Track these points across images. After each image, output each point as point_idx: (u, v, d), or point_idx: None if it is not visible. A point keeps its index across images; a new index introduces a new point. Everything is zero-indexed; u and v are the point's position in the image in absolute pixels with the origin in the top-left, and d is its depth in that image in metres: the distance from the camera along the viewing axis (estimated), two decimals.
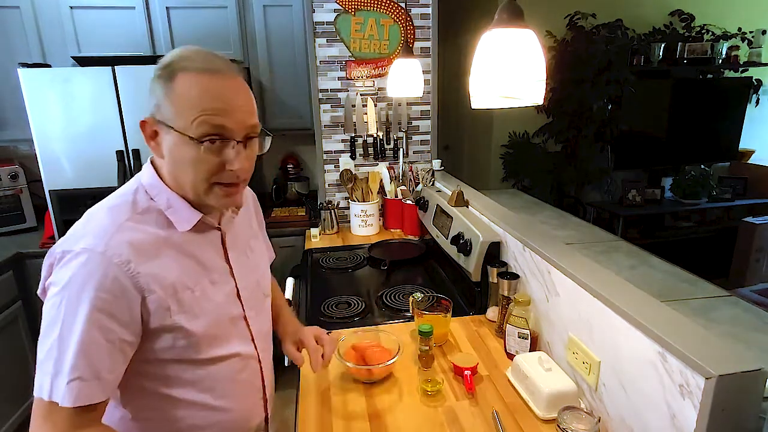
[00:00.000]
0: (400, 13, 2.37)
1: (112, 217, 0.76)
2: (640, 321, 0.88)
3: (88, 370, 0.70)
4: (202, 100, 0.74)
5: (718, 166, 4.02)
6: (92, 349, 0.70)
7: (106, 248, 0.72)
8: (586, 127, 3.36)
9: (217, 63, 0.77)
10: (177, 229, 0.81)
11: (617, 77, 3.23)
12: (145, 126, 0.78)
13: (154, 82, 0.76)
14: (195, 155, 0.75)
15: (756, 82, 3.74)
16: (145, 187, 0.81)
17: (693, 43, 3.46)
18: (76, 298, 0.70)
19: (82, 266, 0.70)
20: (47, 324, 0.71)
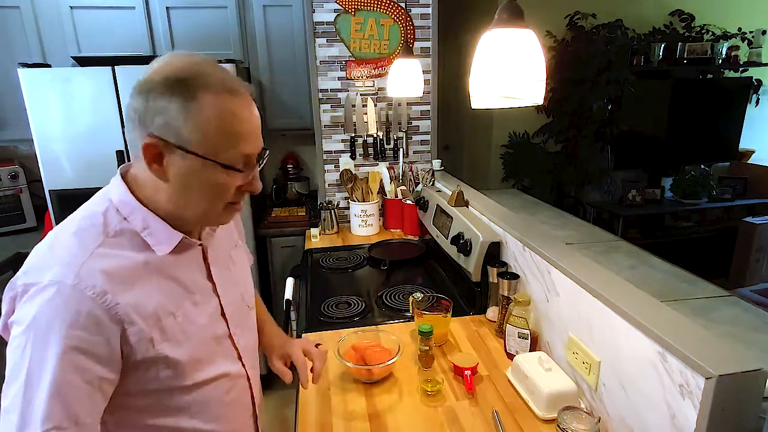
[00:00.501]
0: (400, 13, 2.37)
1: (81, 242, 0.68)
2: (640, 321, 0.88)
3: (65, 417, 0.62)
4: (233, 126, 0.69)
5: (718, 166, 4.01)
6: (68, 392, 0.63)
7: (77, 279, 0.64)
8: (586, 127, 3.36)
9: (236, 82, 0.71)
10: (155, 252, 0.73)
11: (617, 77, 3.23)
12: (149, 148, 0.67)
13: (157, 96, 0.66)
14: (221, 181, 0.71)
15: (756, 82, 3.74)
16: (116, 205, 0.72)
17: (693, 43, 3.45)
18: (44, 337, 0.62)
19: (50, 301, 0.63)
20: (11, 368, 0.63)
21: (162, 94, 0.66)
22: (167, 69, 0.68)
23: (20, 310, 0.64)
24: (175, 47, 2.48)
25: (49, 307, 0.63)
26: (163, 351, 0.72)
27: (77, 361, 0.63)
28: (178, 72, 0.67)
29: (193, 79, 0.67)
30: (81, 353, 0.63)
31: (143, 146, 0.68)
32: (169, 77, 0.66)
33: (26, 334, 0.63)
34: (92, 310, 0.64)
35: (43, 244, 0.70)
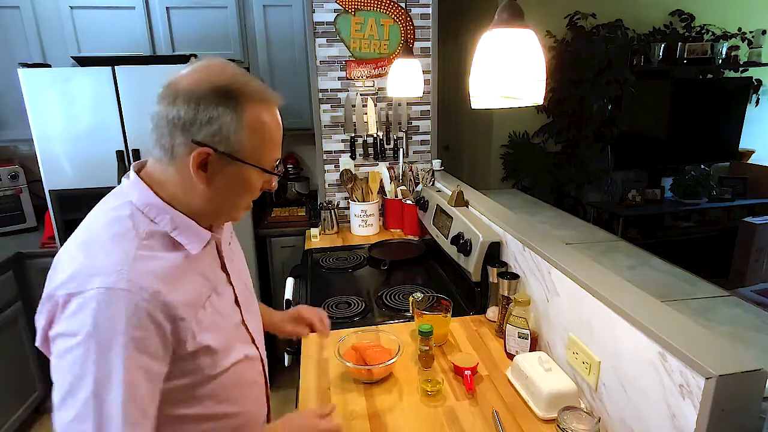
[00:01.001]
0: (400, 13, 2.37)
1: (121, 247, 0.69)
2: (640, 321, 0.88)
3: (140, 416, 0.66)
4: (271, 134, 0.76)
5: (718, 166, 4.01)
6: (138, 392, 0.65)
7: (129, 284, 0.65)
8: (586, 127, 3.36)
9: (270, 91, 0.77)
10: (187, 251, 0.76)
11: (617, 77, 3.23)
12: (200, 156, 0.71)
13: (209, 106, 0.69)
14: (256, 183, 0.78)
15: (756, 82, 3.74)
16: (140, 208, 0.74)
17: (693, 43, 3.45)
18: (107, 344, 0.63)
19: (107, 308, 0.63)
20: (72, 380, 0.63)
21: (212, 104, 0.69)
22: (212, 79, 0.71)
23: (69, 321, 0.64)
24: (175, 47, 2.48)
25: (107, 313, 0.63)
26: (204, 341, 0.75)
27: (141, 361, 0.65)
28: (225, 83, 0.71)
29: (239, 90, 0.71)
30: (143, 353, 0.65)
31: (195, 154, 0.70)
32: (219, 88, 0.70)
33: (86, 344, 0.63)
34: (148, 311, 0.66)
35: (73, 252, 0.70)
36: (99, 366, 0.62)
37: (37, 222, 2.62)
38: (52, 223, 2.20)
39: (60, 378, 0.64)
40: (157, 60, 2.18)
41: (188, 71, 0.72)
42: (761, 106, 3.88)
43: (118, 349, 0.63)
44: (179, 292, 0.71)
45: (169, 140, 0.71)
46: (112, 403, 0.63)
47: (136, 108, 2.15)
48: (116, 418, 0.63)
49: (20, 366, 2.29)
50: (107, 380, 0.63)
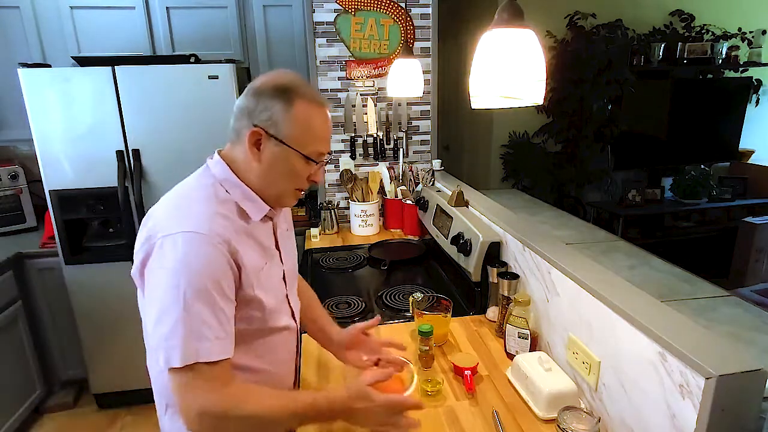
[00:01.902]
0: (400, 13, 2.37)
1: (205, 206, 0.87)
2: (640, 321, 0.88)
3: (222, 331, 0.81)
4: (318, 128, 0.91)
5: (718, 166, 4.01)
6: (219, 313, 0.81)
7: (209, 231, 0.82)
8: (586, 127, 3.36)
9: (321, 96, 0.93)
10: (250, 218, 0.93)
11: (617, 77, 3.23)
12: (254, 135, 0.88)
13: (265, 98, 0.87)
14: (299, 169, 0.92)
15: (756, 82, 3.74)
16: (220, 181, 0.92)
17: (693, 43, 3.45)
18: (196, 273, 0.79)
19: (192, 245, 0.80)
20: (168, 303, 0.78)
21: (270, 97, 0.88)
22: (276, 80, 0.89)
23: (164, 256, 0.80)
24: (175, 47, 2.48)
25: (192, 249, 0.80)
26: (259, 295, 0.91)
27: (220, 288, 0.82)
28: (283, 82, 0.89)
29: (293, 89, 0.88)
30: (222, 283, 0.82)
31: (249, 132, 0.88)
32: (277, 86, 0.88)
33: (177, 273, 0.79)
34: (223, 252, 0.83)
35: (168, 207, 0.88)
36: (188, 290, 0.78)
37: (37, 222, 2.62)
38: (52, 223, 2.20)
39: (156, 302, 0.80)
40: (157, 60, 2.18)
41: (263, 75, 0.92)
42: (761, 106, 3.88)
43: (204, 277, 0.80)
44: (244, 248, 0.88)
45: (238, 124, 0.90)
46: (200, 320, 0.78)
47: (136, 108, 2.15)
48: (206, 331, 0.79)
49: (20, 366, 2.29)
50: (196, 301, 0.78)
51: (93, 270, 2.27)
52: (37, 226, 2.61)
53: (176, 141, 2.19)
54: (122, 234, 2.26)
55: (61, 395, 2.53)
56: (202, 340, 0.78)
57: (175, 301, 0.78)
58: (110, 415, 2.45)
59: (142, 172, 2.20)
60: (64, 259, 2.24)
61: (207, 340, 0.79)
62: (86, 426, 2.40)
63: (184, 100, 2.17)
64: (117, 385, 2.43)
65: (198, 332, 0.78)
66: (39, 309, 2.39)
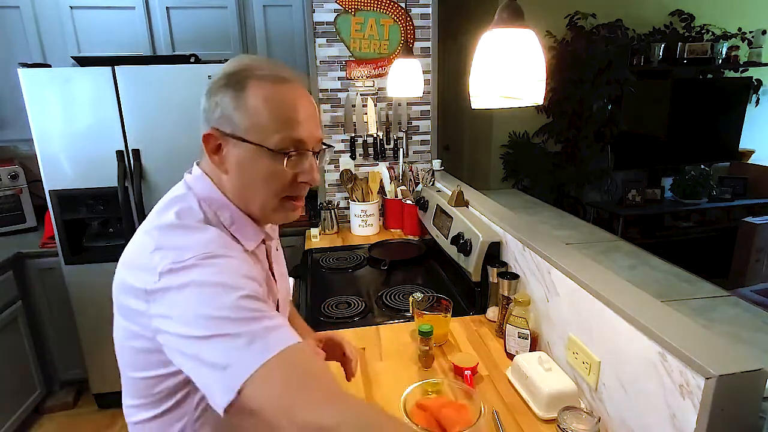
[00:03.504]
0: (400, 13, 2.37)
1: (205, 229, 0.71)
2: (640, 321, 0.88)
3: (277, 321, 0.65)
4: (280, 110, 0.71)
5: (718, 166, 4.01)
6: (263, 307, 0.65)
7: (226, 250, 0.68)
8: (586, 127, 3.36)
9: (285, 71, 0.73)
10: (243, 246, 0.75)
11: (617, 77, 3.22)
12: (209, 140, 0.72)
13: (215, 93, 0.72)
14: (272, 169, 0.72)
15: (756, 82, 3.74)
16: (204, 201, 0.74)
17: (693, 43, 3.45)
18: (236, 277, 0.65)
19: (212, 264, 0.64)
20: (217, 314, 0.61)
21: (219, 89, 0.71)
22: (225, 68, 0.73)
23: (183, 276, 0.63)
24: (175, 47, 2.48)
25: (216, 267, 0.64)
26: None
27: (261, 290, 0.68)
28: (232, 67, 0.73)
29: (243, 71, 0.71)
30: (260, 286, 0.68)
31: (203, 137, 0.72)
32: (225, 73, 0.72)
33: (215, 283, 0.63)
34: (250, 263, 0.71)
35: (159, 243, 0.68)
36: (233, 292, 0.62)
37: (37, 222, 2.62)
38: (52, 223, 2.20)
39: (194, 320, 0.61)
40: (157, 60, 2.18)
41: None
42: (761, 106, 3.88)
43: (243, 280, 0.65)
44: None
45: (202, 133, 0.74)
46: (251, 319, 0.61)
47: (136, 108, 2.15)
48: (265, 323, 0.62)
49: (20, 366, 2.29)
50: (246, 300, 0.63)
51: (93, 270, 2.26)
52: (37, 226, 2.61)
53: (176, 141, 2.19)
54: (122, 234, 2.26)
55: (61, 395, 2.53)
56: (269, 333, 0.61)
57: (226, 309, 0.62)
58: (110, 415, 2.45)
59: (142, 172, 2.20)
60: (64, 259, 2.24)
61: (270, 330, 0.62)
62: (86, 426, 2.40)
63: (184, 100, 2.17)
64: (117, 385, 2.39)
65: (257, 330, 0.61)
66: (39, 309, 2.39)
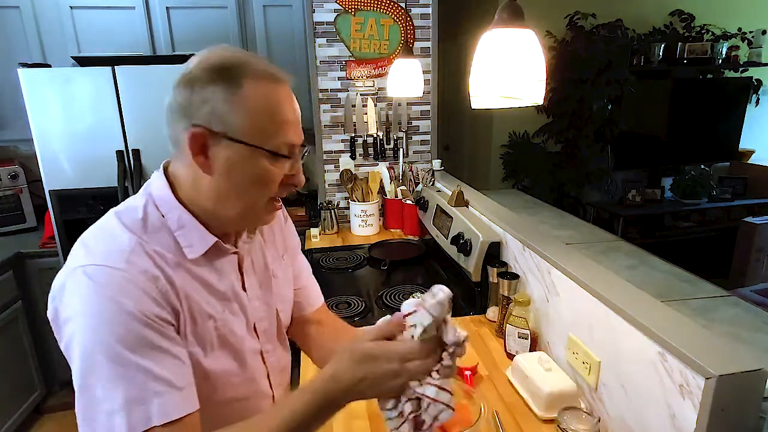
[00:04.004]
0: (400, 13, 2.37)
1: (125, 236, 0.66)
2: (640, 321, 0.88)
3: (175, 378, 0.62)
4: (278, 112, 0.68)
5: (718, 166, 4.01)
6: (164, 358, 0.61)
7: (127, 265, 0.62)
8: (586, 127, 3.36)
9: (276, 69, 0.69)
10: (186, 255, 0.70)
11: (617, 77, 3.22)
12: (197, 139, 0.65)
13: (202, 87, 0.65)
14: (267, 171, 0.68)
15: (756, 82, 3.74)
16: (155, 201, 0.70)
17: (693, 43, 3.45)
18: (117, 313, 0.60)
19: (105, 280, 0.60)
20: (87, 365, 0.59)
21: (207, 83, 0.64)
22: (210, 60, 0.66)
23: (68, 301, 0.62)
24: (175, 47, 2.48)
25: (105, 286, 0.60)
26: (197, 355, 0.69)
27: (156, 325, 0.62)
28: (222, 61, 0.66)
29: (237, 67, 0.65)
30: (155, 318, 0.63)
31: (189, 136, 0.65)
32: (214, 66, 0.65)
33: (89, 322, 0.60)
34: (150, 289, 0.63)
35: (88, 235, 0.68)
36: (109, 338, 0.59)
37: (37, 222, 2.62)
38: (52, 223, 2.20)
39: (73, 369, 0.61)
40: (157, 60, 2.18)
41: (191, 60, 0.68)
42: (761, 106, 3.88)
43: (125, 317, 0.60)
44: (184, 290, 0.68)
45: (173, 130, 0.68)
46: (133, 371, 0.59)
47: (136, 108, 2.15)
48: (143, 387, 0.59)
49: (20, 366, 2.29)
50: (121, 351, 0.59)
51: None
52: (37, 226, 2.61)
53: None
54: None
55: (61, 395, 2.53)
56: (150, 398, 0.58)
57: (93, 362, 0.58)
58: None
59: (142, 172, 2.20)
60: (64, 259, 2.23)
61: (158, 394, 0.59)
62: None
63: None
64: None
65: (142, 388, 0.58)
66: (39, 309, 2.39)
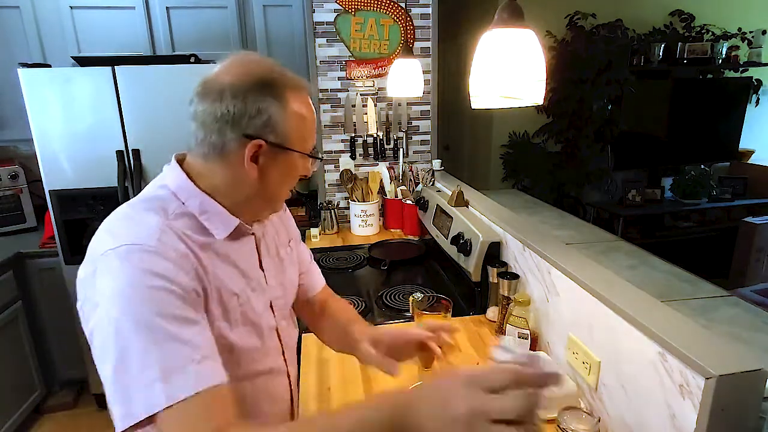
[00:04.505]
0: (400, 13, 2.37)
1: (152, 219, 0.68)
2: (640, 321, 0.88)
3: (202, 351, 0.63)
4: (310, 121, 0.78)
5: (718, 166, 4.01)
6: (191, 330, 0.64)
7: (159, 243, 0.65)
8: (586, 127, 3.36)
9: (302, 79, 0.79)
10: (215, 236, 0.75)
11: (617, 77, 3.22)
12: (254, 148, 0.71)
13: (255, 98, 0.70)
14: (296, 168, 0.78)
15: (756, 82, 3.74)
16: (174, 191, 0.74)
17: (693, 43, 3.45)
18: (149, 290, 0.62)
19: (138, 259, 0.63)
20: (120, 342, 0.60)
21: (259, 95, 0.70)
22: (255, 72, 0.71)
23: (100, 281, 0.63)
24: (175, 47, 2.48)
25: (138, 264, 0.63)
26: (224, 331, 0.73)
27: (186, 301, 0.65)
28: (266, 73, 0.72)
29: (280, 80, 0.73)
30: (185, 295, 0.65)
31: (248, 147, 0.71)
32: (262, 80, 0.71)
33: (122, 298, 0.62)
34: (181, 266, 0.66)
35: (110, 224, 0.70)
36: (141, 312, 0.61)
37: (37, 222, 2.62)
38: (52, 223, 2.20)
39: (102, 348, 0.62)
40: (157, 60, 2.18)
41: (225, 67, 0.73)
42: (761, 106, 3.88)
43: (157, 292, 0.62)
44: (210, 269, 0.71)
45: (219, 137, 0.71)
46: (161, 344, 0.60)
47: (136, 108, 2.15)
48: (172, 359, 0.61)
49: (20, 366, 2.29)
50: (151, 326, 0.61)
51: None
52: (37, 226, 2.61)
53: (176, 141, 2.17)
54: None
55: (61, 395, 2.53)
56: (188, 366, 0.61)
57: (128, 334, 0.60)
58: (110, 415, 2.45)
59: (142, 172, 2.20)
60: (64, 259, 2.24)
61: (195, 362, 0.61)
62: (86, 426, 2.40)
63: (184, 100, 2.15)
64: None
65: (179, 357, 0.61)
66: (39, 309, 2.39)
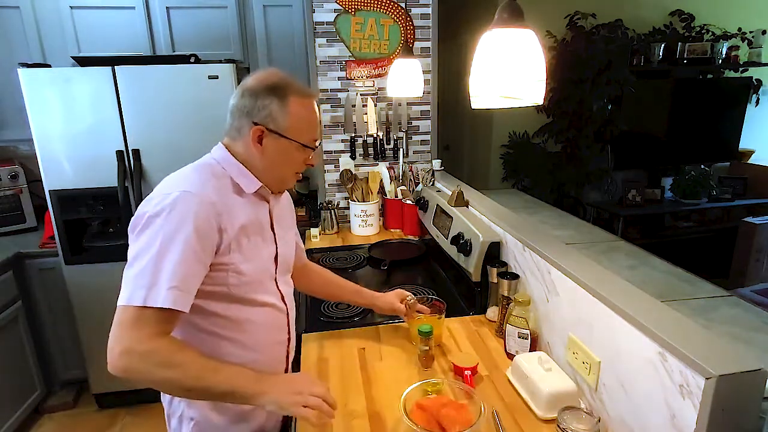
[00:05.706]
0: (400, 13, 2.37)
1: (198, 175, 0.98)
2: (640, 321, 0.88)
3: (182, 283, 0.87)
4: (311, 119, 1.04)
5: (718, 166, 4.01)
6: (187, 267, 0.88)
7: (199, 192, 0.93)
8: (586, 127, 3.36)
9: (309, 89, 1.05)
10: (245, 191, 1.03)
11: (617, 77, 3.22)
12: (256, 132, 0.99)
13: (262, 97, 0.98)
14: (298, 156, 1.05)
15: (756, 82, 3.74)
16: (218, 160, 1.03)
17: (693, 43, 3.45)
18: (177, 223, 0.88)
19: (182, 202, 0.90)
20: (144, 246, 0.87)
21: (266, 95, 0.99)
22: (269, 79, 1.00)
23: (156, 208, 0.89)
24: (175, 47, 2.48)
25: (181, 205, 0.90)
26: (236, 259, 0.98)
27: (196, 245, 0.89)
28: (276, 81, 1.01)
29: (286, 86, 1.00)
30: (199, 240, 0.90)
31: (252, 130, 0.99)
32: (272, 84, 1.00)
33: (163, 221, 0.88)
34: (208, 213, 0.93)
35: (168, 181, 0.97)
36: (165, 238, 0.87)
37: (37, 222, 2.62)
38: (52, 223, 2.20)
39: (135, 247, 0.89)
40: (157, 60, 2.18)
41: (253, 76, 1.02)
42: (761, 106, 3.88)
43: (185, 229, 0.88)
44: (230, 213, 0.97)
45: (239, 123, 1.02)
46: (167, 266, 0.86)
47: (136, 108, 2.15)
48: (165, 274, 0.86)
49: (20, 366, 2.29)
50: (168, 249, 0.87)
51: (93, 270, 2.27)
52: (37, 226, 2.61)
53: (176, 141, 2.19)
54: (122, 234, 2.26)
55: (61, 395, 2.53)
56: (157, 286, 0.84)
57: (149, 247, 0.87)
58: (110, 415, 2.45)
59: (142, 172, 2.20)
60: (64, 259, 2.24)
61: (163, 285, 0.85)
62: (86, 426, 2.40)
63: (184, 100, 2.17)
64: (117, 385, 2.43)
65: (157, 279, 0.85)
66: (39, 309, 2.39)
